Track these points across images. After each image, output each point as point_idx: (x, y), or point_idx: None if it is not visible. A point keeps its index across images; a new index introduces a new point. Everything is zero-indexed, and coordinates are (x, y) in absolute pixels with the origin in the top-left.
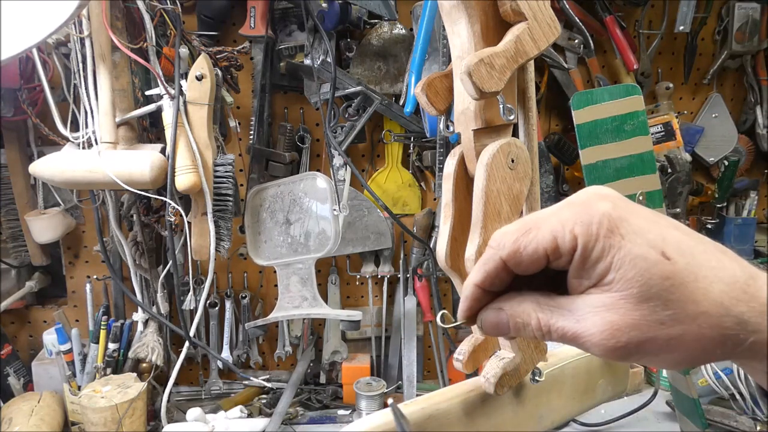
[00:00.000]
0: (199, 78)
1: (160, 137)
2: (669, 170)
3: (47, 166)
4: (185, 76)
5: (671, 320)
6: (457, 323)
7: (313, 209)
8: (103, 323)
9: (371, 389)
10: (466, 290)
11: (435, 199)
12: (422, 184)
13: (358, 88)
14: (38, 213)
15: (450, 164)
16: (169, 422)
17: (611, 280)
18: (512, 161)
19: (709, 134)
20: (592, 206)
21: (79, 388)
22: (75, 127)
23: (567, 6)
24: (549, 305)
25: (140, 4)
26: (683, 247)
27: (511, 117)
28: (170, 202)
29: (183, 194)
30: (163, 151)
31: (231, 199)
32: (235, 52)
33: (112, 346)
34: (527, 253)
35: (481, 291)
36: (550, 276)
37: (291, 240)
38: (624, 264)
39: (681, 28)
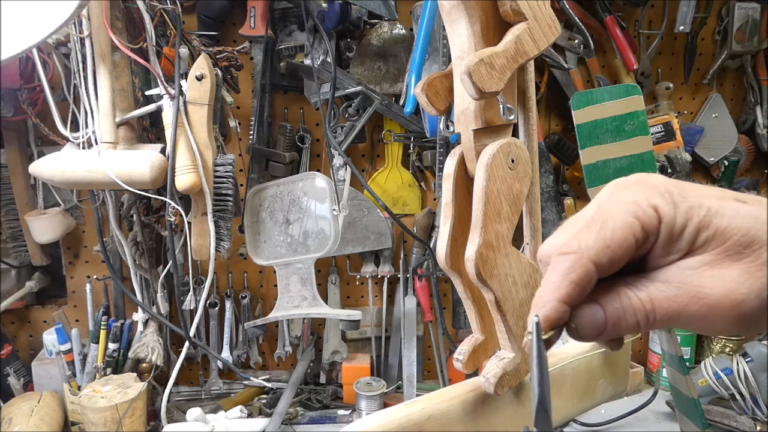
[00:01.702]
0: (199, 78)
1: (160, 137)
2: (669, 170)
3: (47, 166)
4: (185, 76)
5: None
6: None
7: (312, 209)
8: (103, 323)
9: (371, 389)
10: (547, 311)
11: (435, 199)
12: (422, 184)
13: (358, 88)
14: (38, 213)
15: (450, 164)
16: (169, 422)
17: (704, 241)
18: (512, 161)
19: (709, 134)
20: (646, 182)
21: (79, 388)
22: (75, 127)
23: (567, 6)
24: (642, 282)
25: (140, 4)
26: (739, 194)
27: (511, 117)
28: (170, 202)
29: (183, 194)
30: (163, 151)
31: (231, 199)
32: (235, 52)
33: (112, 346)
34: (616, 243)
35: (567, 310)
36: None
37: (290, 240)
38: (712, 220)
39: (681, 28)
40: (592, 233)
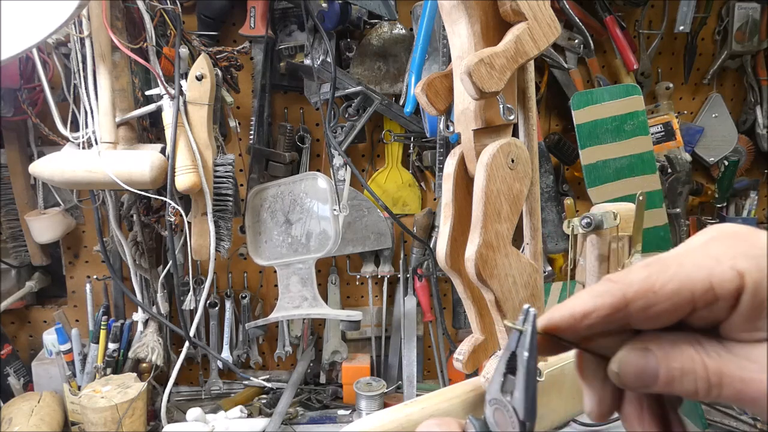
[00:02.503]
0: (199, 78)
1: (160, 137)
2: (669, 170)
3: (47, 166)
4: (185, 76)
5: None
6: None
7: (313, 209)
8: (103, 323)
9: (371, 389)
10: (555, 316)
11: (435, 199)
12: (422, 184)
13: (358, 88)
14: (38, 213)
15: (450, 164)
16: (169, 422)
17: None
18: (512, 161)
19: (709, 134)
20: (747, 238)
21: (79, 388)
22: (75, 127)
23: (567, 6)
24: (716, 349)
25: (140, 4)
26: None
27: (511, 117)
28: (170, 202)
29: (183, 194)
30: (163, 151)
31: (231, 199)
32: (235, 52)
33: (112, 346)
34: (665, 293)
35: (575, 326)
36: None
37: (291, 240)
38: None
39: (681, 28)
40: (646, 272)
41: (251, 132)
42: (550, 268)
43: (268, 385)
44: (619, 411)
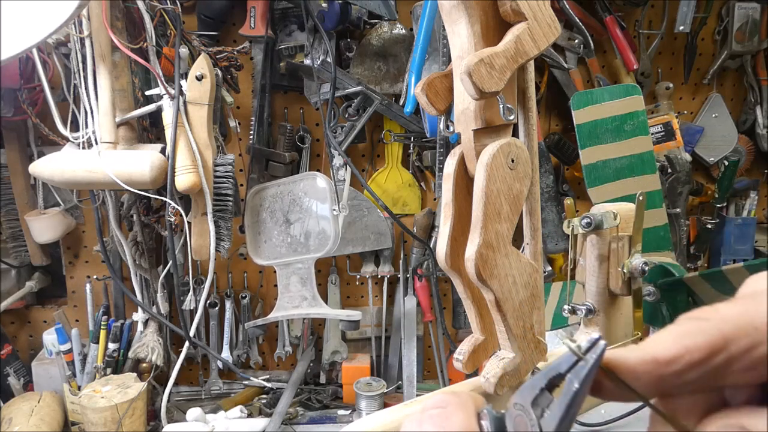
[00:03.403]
0: (199, 78)
1: (160, 137)
2: (669, 170)
3: (47, 166)
4: (185, 76)
5: None
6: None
7: (312, 209)
8: (103, 323)
9: (371, 389)
10: (630, 358)
11: (435, 199)
12: (422, 184)
13: (358, 88)
14: (38, 213)
15: (450, 164)
16: (169, 422)
17: None
18: (512, 161)
19: (709, 134)
20: None
21: (79, 388)
22: (75, 127)
23: (567, 6)
24: None
25: (140, 4)
26: None
27: (511, 117)
28: (170, 202)
29: (183, 194)
30: (163, 151)
31: (231, 199)
32: (235, 52)
33: (112, 346)
34: None
35: (654, 374)
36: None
37: (291, 240)
38: None
39: (681, 28)
40: (741, 305)
41: (251, 132)
42: (550, 268)
43: (268, 385)
44: None
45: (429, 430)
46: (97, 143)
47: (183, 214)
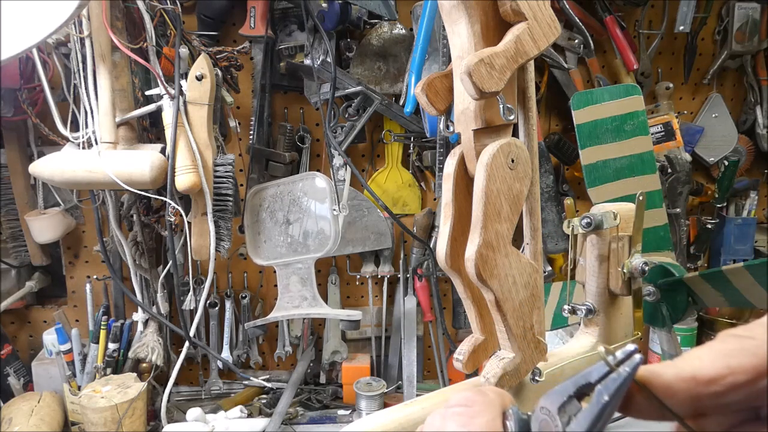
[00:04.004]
0: (199, 78)
1: (160, 137)
2: (669, 170)
3: (47, 166)
4: (185, 76)
5: None
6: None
7: (312, 209)
8: (103, 323)
9: (371, 389)
10: (668, 373)
11: (435, 199)
12: (422, 184)
13: (358, 88)
14: (38, 213)
15: (450, 164)
16: (169, 422)
17: None
18: (512, 161)
19: (709, 134)
20: None
21: (79, 388)
22: (75, 127)
23: (567, 6)
24: None
25: (140, 4)
26: None
27: (511, 117)
28: (170, 202)
29: (183, 194)
30: (163, 151)
31: (231, 199)
32: (235, 52)
33: (112, 346)
34: None
35: (688, 391)
36: None
37: (290, 240)
38: None
39: (681, 28)
40: None
41: (251, 132)
42: (550, 268)
43: (268, 385)
44: None
45: (453, 429)
46: (97, 143)
47: (183, 214)
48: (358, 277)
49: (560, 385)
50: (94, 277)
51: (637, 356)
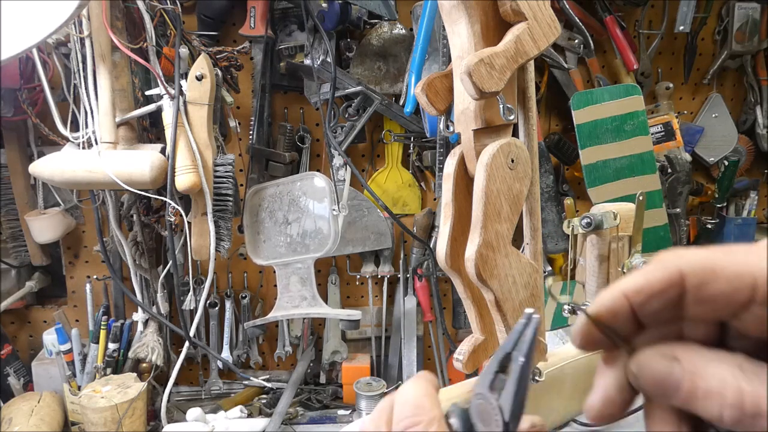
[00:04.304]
0: (199, 78)
1: (160, 137)
2: (669, 170)
3: (47, 166)
4: (185, 76)
5: None
6: (568, 303)
7: (312, 209)
8: (103, 323)
9: (371, 389)
10: (605, 299)
11: (435, 199)
12: (422, 184)
13: (358, 88)
14: (38, 213)
15: (450, 164)
16: (169, 422)
17: None
18: (512, 161)
19: (709, 134)
20: None
21: (79, 388)
22: (75, 127)
23: (567, 6)
24: (760, 374)
25: (140, 4)
26: None
27: (511, 117)
28: (170, 202)
29: (183, 194)
30: (163, 151)
31: (231, 199)
32: (235, 52)
33: (112, 346)
34: (726, 274)
35: (626, 307)
36: None
37: (290, 240)
38: None
39: (681, 28)
40: (707, 251)
41: (251, 132)
42: (550, 268)
43: (268, 385)
44: (646, 418)
45: None
46: (97, 143)
47: (183, 214)
48: (358, 277)
49: (485, 367)
50: (94, 277)
51: (535, 317)
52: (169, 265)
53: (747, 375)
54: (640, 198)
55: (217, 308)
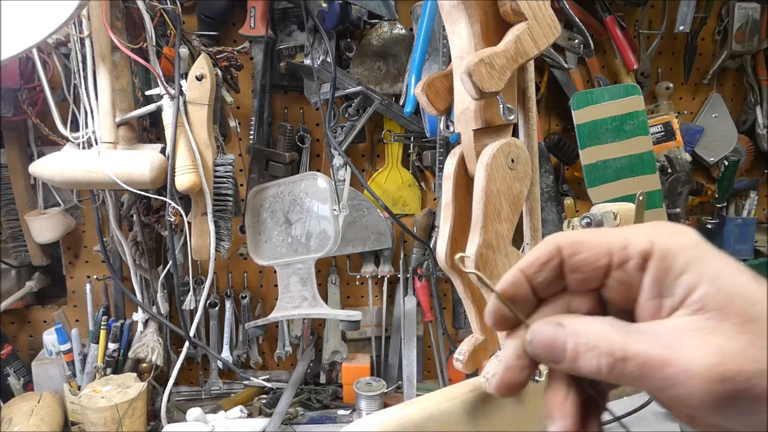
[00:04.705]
0: (199, 78)
1: (160, 137)
2: (669, 170)
3: (47, 166)
4: (185, 76)
5: None
6: (473, 272)
7: (313, 209)
8: (103, 323)
9: (371, 389)
10: (506, 276)
11: (435, 199)
12: (422, 184)
13: (358, 88)
14: (38, 213)
15: (450, 164)
16: (169, 422)
17: (703, 296)
18: (512, 161)
19: (709, 134)
20: (672, 224)
21: (79, 388)
22: (75, 127)
23: (567, 6)
24: (626, 328)
25: (140, 4)
26: (759, 276)
27: (511, 117)
28: (170, 202)
29: (183, 194)
30: (163, 151)
31: (231, 199)
32: (235, 52)
33: (112, 346)
34: (589, 245)
35: (523, 279)
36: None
37: (291, 240)
38: (718, 277)
39: (681, 28)
40: (577, 231)
41: (251, 132)
42: None
43: (268, 385)
44: (545, 392)
45: None
46: (97, 143)
47: (183, 214)
48: (358, 277)
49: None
50: (94, 277)
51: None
52: (169, 265)
53: (615, 328)
54: (640, 198)
55: (217, 308)
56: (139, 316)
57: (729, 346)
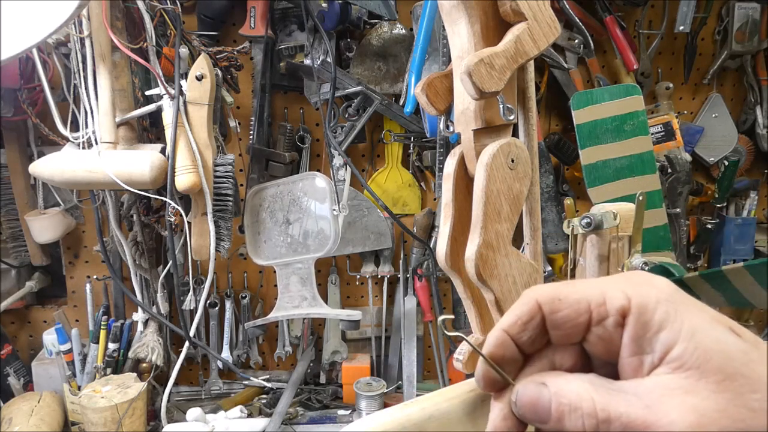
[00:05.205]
0: (199, 78)
1: (160, 137)
2: (669, 170)
3: (47, 166)
4: (185, 76)
5: (761, 405)
6: (457, 334)
7: (312, 209)
8: (103, 323)
9: (371, 389)
10: (490, 338)
11: (435, 199)
12: (422, 184)
13: (358, 88)
14: (38, 213)
15: (450, 164)
16: (169, 422)
17: (682, 353)
18: (512, 161)
19: (709, 134)
20: (647, 276)
21: (79, 388)
22: (75, 127)
23: (567, 6)
24: (607, 387)
25: (140, 4)
26: (736, 324)
27: (511, 117)
28: (170, 202)
29: (183, 194)
30: (163, 151)
31: (231, 199)
32: (235, 52)
33: (112, 346)
34: (568, 301)
35: (508, 340)
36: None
37: (290, 240)
38: (695, 333)
39: (681, 28)
40: (556, 285)
41: (251, 132)
42: (550, 268)
43: (268, 385)
44: None
45: None
46: (97, 143)
47: (183, 214)
48: (358, 277)
49: None
50: (94, 277)
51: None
52: (169, 265)
53: (595, 387)
54: (640, 198)
55: (217, 308)
56: (139, 316)
57: (706, 406)
